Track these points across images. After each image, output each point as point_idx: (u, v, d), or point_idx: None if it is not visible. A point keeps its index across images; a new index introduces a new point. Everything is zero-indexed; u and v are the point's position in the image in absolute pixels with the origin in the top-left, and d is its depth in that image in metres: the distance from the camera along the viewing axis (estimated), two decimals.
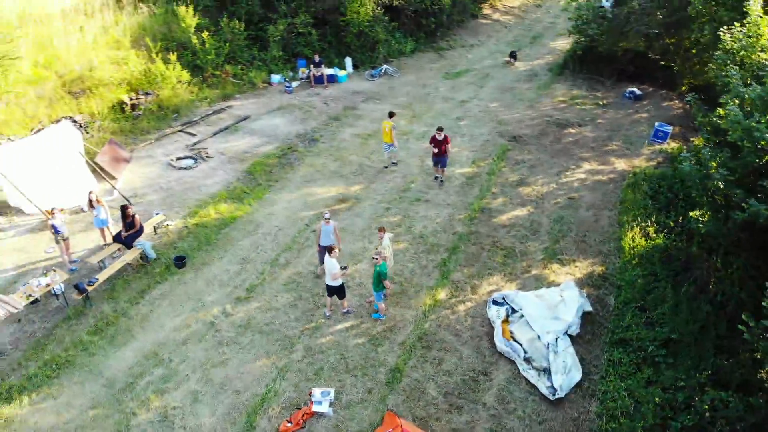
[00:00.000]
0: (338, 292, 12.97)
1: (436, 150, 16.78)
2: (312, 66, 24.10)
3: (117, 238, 14.79)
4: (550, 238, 15.51)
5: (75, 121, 19.27)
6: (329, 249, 12.55)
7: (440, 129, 16.62)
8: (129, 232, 14.61)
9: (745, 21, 14.43)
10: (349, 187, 17.86)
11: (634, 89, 23.72)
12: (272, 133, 20.91)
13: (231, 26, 23.76)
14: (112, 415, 10.89)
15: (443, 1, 27.22)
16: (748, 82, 12.64)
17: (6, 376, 11.77)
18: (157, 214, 16.31)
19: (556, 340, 12.39)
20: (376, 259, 12.46)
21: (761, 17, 14.12)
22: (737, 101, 12.03)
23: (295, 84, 24.20)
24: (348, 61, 25.84)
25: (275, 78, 24.11)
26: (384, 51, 26.02)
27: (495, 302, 13.61)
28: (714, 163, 11.78)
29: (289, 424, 10.85)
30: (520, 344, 12.59)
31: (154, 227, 15.87)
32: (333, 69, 24.82)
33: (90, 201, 14.98)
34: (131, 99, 21.21)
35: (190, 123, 21.17)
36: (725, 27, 15.15)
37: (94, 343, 12.49)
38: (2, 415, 10.95)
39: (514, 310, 13.34)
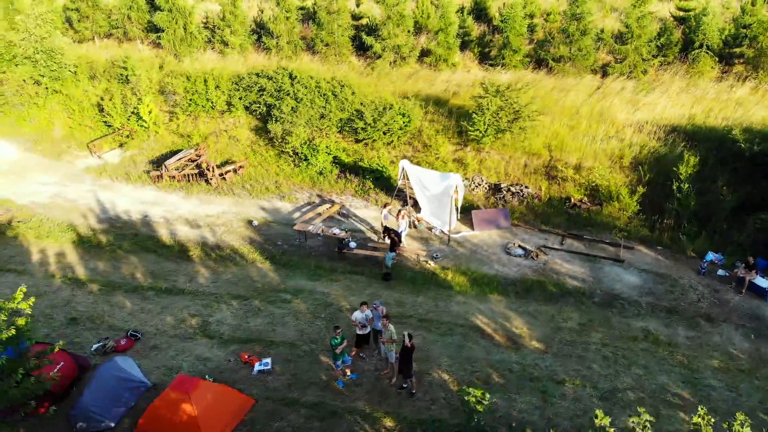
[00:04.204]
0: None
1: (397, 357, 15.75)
2: (745, 265, 20.11)
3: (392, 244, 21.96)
4: None
5: (524, 189, 25.41)
6: (363, 303, 16.79)
7: (410, 336, 15.38)
8: (391, 245, 21.50)
9: None
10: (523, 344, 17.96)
11: None
12: (601, 280, 20.81)
13: (720, 190, 22.39)
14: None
15: None
16: None
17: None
18: (434, 256, 22.12)
19: None
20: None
21: None
22: None
23: (720, 272, 20.97)
24: None
25: (709, 256, 21.50)
26: None
27: None
28: None
29: (247, 356, 17.44)
30: None
31: (417, 255, 21.93)
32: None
33: (398, 214, 22.45)
34: (580, 201, 24.86)
35: (580, 237, 23.22)
36: None
37: (312, 271, 21.51)
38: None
39: None
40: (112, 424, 15.35)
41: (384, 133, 28.01)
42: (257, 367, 17.00)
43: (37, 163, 29.88)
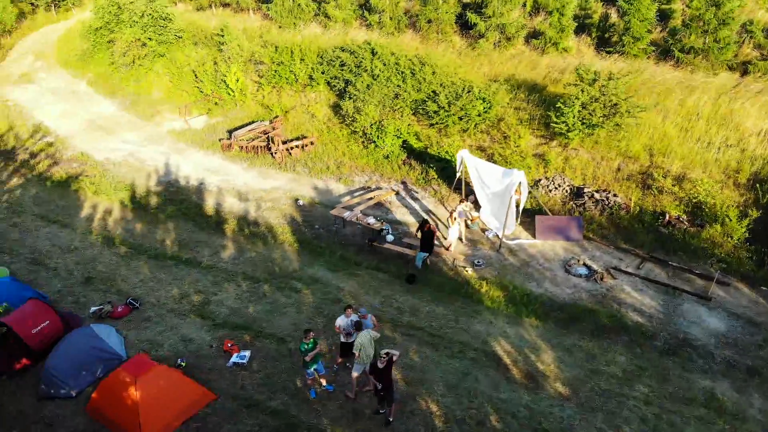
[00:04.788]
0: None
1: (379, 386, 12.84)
2: None
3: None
4: None
5: (610, 196, 21.42)
6: (348, 307, 14.62)
7: (386, 353, 12.55)
8: (424, 244, 18.83)
9: None
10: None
11: None
12: (673, 320, 16.60)
13: None
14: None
15: None
16: None
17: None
18: (476, 262, 19.18)
19: None
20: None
21: None
22: None
23: None
24: None
25: None
26: None
27: None
28: None
29: (230, 345, 16.01)
30: None
31: (455, 260, 19.12)
32: None
33: (451, 215, 19.61)
34: (676, 218, 20.39)
35: (665, 262, 18.87)
36: None
37: (335, 261, 19.61)
38: None
39: None
40: (74, 393, 14.64)
41: (460, 119, 25.12)
42: (233, 358, 15.52)
43: (129, 122, 30.82)
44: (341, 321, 14.47)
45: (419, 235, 18.83)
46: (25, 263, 19.84)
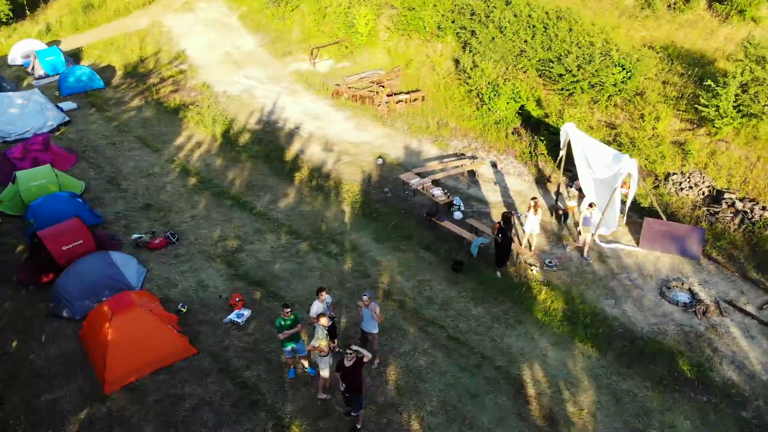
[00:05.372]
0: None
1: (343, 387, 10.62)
2: None
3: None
4: None
5: (756, 208, 16.44)
6: (320, 289, 12.53)
7: (355, 351, 10.42)
8: (499, 233, 15.61)
9: None
10: None
11: None
12: None
13: None
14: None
15: None
16: None
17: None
18: (548, 262, 15.75)
19: None
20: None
21: None
22: None
23: None
24: None
25: None
26: None
27: None
28: None
29: (237, 300, 14.84)
30: None
31: (518, 255, 15.86)
32: None
33: (533, 205, 15.96)
34: None
35: None
36: None
37: (386, 230, 17.48)
38: None
39: None
40: (78, 317, 14.48)
41: (591, 86, 20.89)
42: (231, 315, 14.33)
43: (260, 59, 30.73)
44: (316, 307, 12.29)
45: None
46: (104, 181, 20.43)
